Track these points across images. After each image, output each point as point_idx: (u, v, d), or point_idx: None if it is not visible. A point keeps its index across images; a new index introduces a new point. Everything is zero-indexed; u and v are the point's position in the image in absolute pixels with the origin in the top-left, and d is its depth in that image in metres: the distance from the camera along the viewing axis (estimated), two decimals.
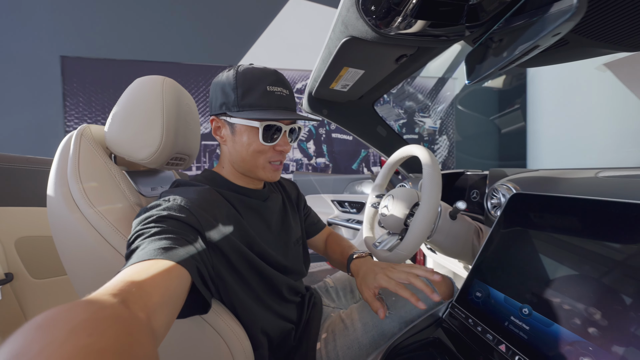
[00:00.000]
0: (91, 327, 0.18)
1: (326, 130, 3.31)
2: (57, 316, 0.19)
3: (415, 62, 0.67)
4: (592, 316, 0.34)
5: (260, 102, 0.51)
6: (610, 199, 0.38)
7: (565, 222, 0.43)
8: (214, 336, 0.45)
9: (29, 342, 0.17)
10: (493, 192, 0.67)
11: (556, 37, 0.34)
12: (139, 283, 0.27)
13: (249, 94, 0.51)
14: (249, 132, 0.52)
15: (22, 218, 0.87)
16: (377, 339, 0.59)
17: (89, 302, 0.21)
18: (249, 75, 0.51)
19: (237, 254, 0.49)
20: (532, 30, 0.35)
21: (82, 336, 0.18)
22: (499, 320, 0.43)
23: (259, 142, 0.52)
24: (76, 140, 0.51)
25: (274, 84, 0.52)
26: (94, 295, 0.23)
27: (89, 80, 2.67)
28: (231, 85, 0.51)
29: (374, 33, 0.50)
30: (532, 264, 0.44)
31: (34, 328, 0.18)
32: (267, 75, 0.52)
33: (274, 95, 0.51)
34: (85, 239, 0.44)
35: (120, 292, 0.25)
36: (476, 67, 0.49)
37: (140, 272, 0.29)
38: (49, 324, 0.18)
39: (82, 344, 0.17)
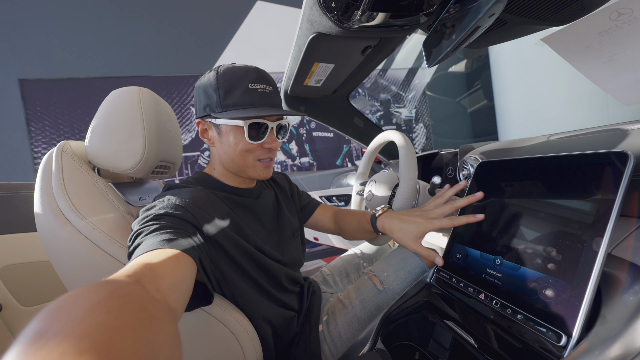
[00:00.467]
0: (109, 304, 0.19)
1: (307, 129, 3.34)
2: (77, 295, 0.20)
3: (380, 52, 0.72)
4: (549, 254, 0.39)
5: (243, 101, 0.51)
6: (553, 154, 0.44)
7: (523, 180, 0.49)
8: (221, 328, 0.47)
9: (51, 320, 0.17)
10: (463, 165, 0.73)
11: (492, 17, 0.39)
12: (151, 267, 0.28)
13: (231, 94, 0.51)
14: (235, 131, 0.53)
15: (4, 246, 0.84)
16: (374, 312, 0.63)
17: (106, 282, 0.22)
18: (229, 74, 0.51)
19: (235, 247, 0.51)
20: (472, 13, 0.40)
21: (101, 313, 0.18)
22: (477, 274, 0.48)
23: (246, 141, 0.52)
24: (57, 157, 0.51)
25: (255, 82, 0.51)
26: (110, 277, 0.24)
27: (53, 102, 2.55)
28: (212, 86, 0.51)
29: (338, 28, 0.53)
30: (500, 221, 0.49)
31: (56, 307, 0.19)
32: (248, 73, 0.52)
33: (256, 92, 0.51)
34: (79, 250, 0.45)
35: (135, 274, 0.26)
36: (432, 51, 0.53)
37: (151, 259, 0.30)
38: (69, 304, 0.19)
39: (100, 320, 0.18)
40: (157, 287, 0.26)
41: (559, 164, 0.43)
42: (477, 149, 0.72)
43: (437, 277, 0.56)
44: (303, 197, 0.81)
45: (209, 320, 0.46)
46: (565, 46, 0.52)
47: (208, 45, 2.91)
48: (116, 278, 0.24)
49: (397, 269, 0.69)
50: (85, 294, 0.20)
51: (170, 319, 0.23)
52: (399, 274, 0.68)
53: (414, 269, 0.68)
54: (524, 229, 0.45)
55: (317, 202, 0.82)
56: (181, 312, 0.30)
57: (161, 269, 0.29)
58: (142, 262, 0.29)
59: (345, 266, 0.90)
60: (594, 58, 0.52)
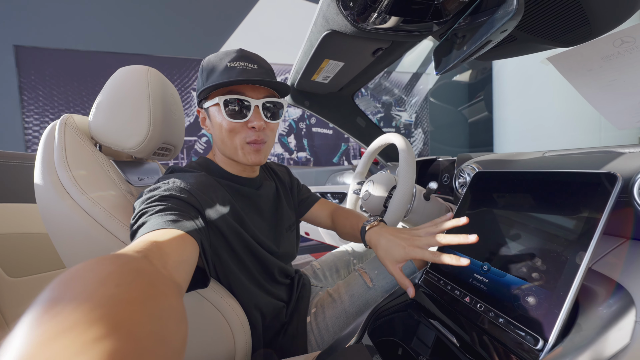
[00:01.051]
0: (118, 278, 0.20)
1: (306, 124, 3.34)
2: (87, 268, 0.20)
3: (390, 55, 0.73)
4: (534, 264, 0.41)
5: (220, 79, 0.50)
6: (546, 170, 0.46)
7: (516, 192, 0.51)
8: (214, 312, 0.48)
9: (63, 290, 0.18)
10: (460, 173, 0.75)
11: (504, 33, 0.41)
12: (158, 244, 0.29)
13: (212, 74, 0.51)
14: (218, 112, 0.52)
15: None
16: (363, 308, 0.65)
17: (115, 256, 0.22)
18: (212, 58, 0.53)
19: (234, 235, 0.52)
20: (485, 27, 0.41)
21: (111, 286, 0.19)
22: (465, 278, 0.50)
23: (227, 120, 0.51)
24: (60, 129, 0.51)
25: (235, 60, 0.51)
26: (119, 252, 0.25)
27: (49, 72, 2.48)
28: (200, 71, 0.54)
29: (353, 27, 0.54)
30: (491, 230, 0.51)
31: (68, 278, 0.19)
32: (229, 53, 0.52)
33: (235, 69, 0.50)
34: (79, 225, 0.45)
35: (143, 250, 0.26)
36: (442, 59, 0.55)
37: (157, 237, 0.31)
38: (80, 275, 0.19)
39: (110, 293, 0.18)
40: (163, 264, 0.27)
41: (552, 180, 0.46)
42: (475, 158, 0.74)
43: (425, 278, 0.58)
44: (303, 190, 0.81)
45: (203, 304, 0.47)
46: (569, 67, 0.54)
47: (214, 30, 2.86)
48: (125, 252, 0.25)
49: None
50: (96, 266, 0.20)
51: (177, 295, 0.24)
52: (388, 273, 0.70)
53: (404, 269, 0.70)
54: (513, 238, 0.47)
55: (317, 196, 0.83)
56: (185, 289, 0.30)
57: (167, 247, 0.30)
58: (149, 240, 0.29)
59: (336, 262, 0.92)
60: (595, 81, 0.54)
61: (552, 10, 0.46)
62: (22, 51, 2.40)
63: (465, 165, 0.73)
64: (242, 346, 0.52)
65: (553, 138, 2.37)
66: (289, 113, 3.23)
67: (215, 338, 0.49)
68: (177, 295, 0.24)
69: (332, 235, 1.81)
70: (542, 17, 0.48)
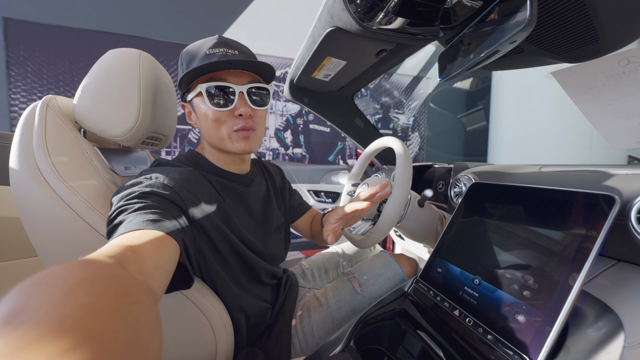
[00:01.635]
0: (90, 285, 0.18)
1: (304, 120, 3.31)
2: (54, 274, 0.18)
3: (394, 57, 0.71)
4: (526, 282, 0.41)
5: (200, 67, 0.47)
6: (544, 187, 0.45)
7: (511, 207, 0.50)
8: (196, 312, 0.46)
9: (27, 299, 0.16)
10: (456, 182, 0.74)
11: (513, 44, 0.39)
12: (133, 248, 0.27)
13: (191, 64, 0.49)
14: (202, 101, 0.50)
15: None
16: (350, 313, 0.64)
17: (86, 261, 0.21)
18: (190, 47, 0.51)
19: (219, 234, 0.50)
20: (494, 36, 0.40)
21: (81, 295, 0.17)
22: (455, 290, 0.49)
23: (212, 109, 0.49)
24: (41, 111, 0.48)
25: (214, 47, 0.49)
26: (90, 256, 0.23)
27: (39, 48, 2.38)
28: (180, 62, 0.53)
29: (358, 26, 0.52)
30: (484, 242, 0.51)
31: (31, 285, 0.17)
32: (206, 41, 0.50)
33: (214, 56, 0.48)
34: (56, 215, 0.42)
35: (116, 254, 0.25)
36: (447, 66, 0.53)
37: (133, 240, 0.29)
38: (47, 282, 0.18)
39: (81, 302, 0.17)
40: (139, 269, 0.25)
41: (549, 197, 0.45)
42: (472, 169, 0.74)
43: (415, 288, 0.57)
44: (295, 197, 0.80)
45: (186, 303, 0.45)
46: (572, 83, 0.53)
47: (215, 16, 2.79)
48: (96, 258, 0.23)
49: (376, 274, 0.70)
50: (64, 273, 0.19)
51: (152, 302, 0.22)
52: (378, 279, 0.69)
53: (394, 277, 0.70)
54: (506, 253, 0.46)
55: (308, 206, 0.82)
56: (161, 296, 0.29)
57: (144, 251, 0.28)
58: (124, 243, 0.28)
59: (325, 262, 0.91)
60: (596, 99, 0.54)
61: (563, 25, 0.45)
62: (12, 24, 2.29)
63: (462, 174, 0.72)
64: (223, 348, 0.50)
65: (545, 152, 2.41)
66: (287, 108, 3.19)
67: (196, 339, 0.48)
68: (152, 303, 0.22)
69: None
70: (552, 31, 0.47)
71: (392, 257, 0.76)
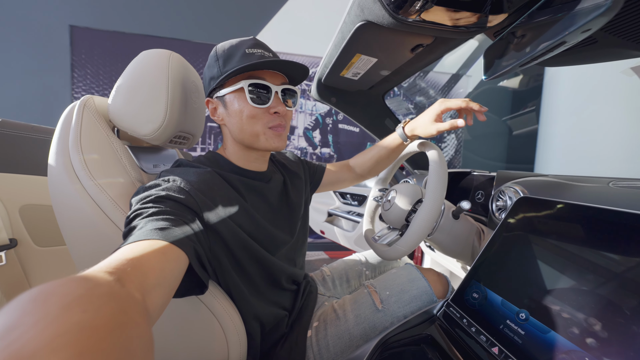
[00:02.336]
0: (86, 303, 0.18)
1: (333, 120, 3.27)
2: (51, 290, 0.18)
3: (431, 53, 0.64)
4: (591, 327, 0.33)
5: (241, 64, 0.49)
6: (620, 209, 0.37)
7: (571, 230, 0.42)
8: (209, 317, 0.46)
9: (23, 315, 0.16)
10: (499, 194, 0.65)
11: (585, 33, 0.32)
12: (135, 263, 0.27)
13: (229, 60, 0.50)
14: (238, 97, 0.51)
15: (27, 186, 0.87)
16: (368, 331, 0.60)
17: (84, 278, 0.20)
18: (227, 45, 0.52)
19: (236, 240, 0.49)
20: (560, 25, 0.33)
21: (77, 312, 0.17)
22: (494, 323, 0.42)
23: (250, 106, 0.51)
24: (79, 111, 0.50)
25: (252, 47, 0.51)
26: (89, 272, 0.23)
27: (97, 52, 2.64)
28: (213, 58, 0.52)
29: (391, 18, 0.47)
30: (533, 270, 0.43)
31: (28, 301, 0.17)
32: (244, 41, 0.53)
33: (254, 55, 0.50)
34: (84, 210, 0.44)
35: (116, 270, 0.24)
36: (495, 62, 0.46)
37: (137, 252, 0.29)
38: (43, 298, 0.18)
39: (76, 319, 0.17)
40: (138, 286, 0.25)
41: (622, 221, 0.36)
42: (520, 180, 0.64)
43: (445, 312, 0.51)
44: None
45: (200, 308, 0.45)
46: None
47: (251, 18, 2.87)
48: (95, 274, 0.22)
49: (401, 290, 0.65)
50: (61, 289, 0.19)
51: (147, 323, 0.22)
52: (402, 296, 0.63)
53: (420, 295, 0.63)
54: (562, 286, 0.38)
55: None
56: (159, 315, 0.28)
57: (146, 266, 0.28)
58: (127, 257, 0.27)
59: (347, 270, 0.87)
60: None
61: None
62: (76, 31, 2.57)
63: (507, 186, 0.63)
64: (235, 356, 0.49)
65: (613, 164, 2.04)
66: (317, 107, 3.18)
67: (207, 345, 0.47)
68: (147, 324, 0.22)
69: (346, 236, 1.75)
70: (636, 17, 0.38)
71: (419, 272, 0.70)
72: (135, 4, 2.65)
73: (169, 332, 0.46)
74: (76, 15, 2.54)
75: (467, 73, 3.42)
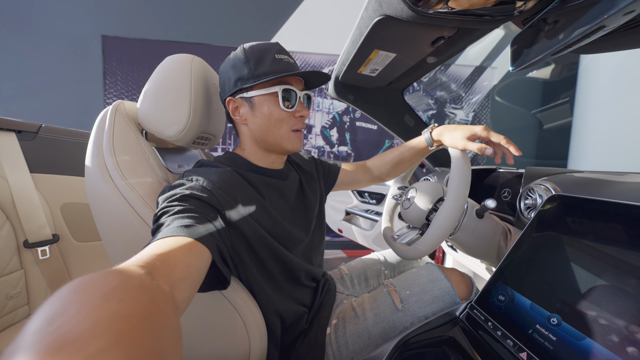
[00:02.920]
0: (121, 293, 0.20)
1: (350, 118, 3.24)
2: (91, 281, 0.20)
3: (453, 45, 0.62)
4: (633, 334, 0.30)
5: (273, 69, 0.51)
6: None
7: (610, 230, 0.39)
8: (232, 312, 0.47)
9: (67, 303, 0.18)
10: (528, 192, 0.62)
11: (628, 15, 0.29)
12: (163, 258, 0.28)
13: (261, 64, 0.51)
14: (268, 100, 0.53)
15: (67, 186, 0.95)
16: (388, 331, 0.59)
17: (119, 271, 0.22)
18: (256, 47, 0.53)
19: (257, 237, 0.50)
20: (599, 7, 0.30)
21: (114, 302, 0.19)
22: (522, 327, 0.40)
23: (280, 109, 0.53)
24: (111, 116, 0.54)
25: (280, 52, 0.53)
26: (123, 266, 0.25)
27: (126, 60, 2.80)
28: (241, 60, 0.52)
29: (410, 11, 0.46)
30: (566, 272, 0.40)
31: (70, 291, 0.19)
32: (272, 46, 0.54)
33: (282, 62, 0.53)
34: (117, 208, 0.47)
35: (147, 264, 0.26)
36: (524, 51, 0.44)
37: (165, 248, 0.30)
38: (84, 289, 0.19)
39: (114, 309, 0.18)
40: (167, 280, 0.26)
41: None
42: (552, 176, 0.60)
43: (469, 314, 0.49)
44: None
45: (223, 302, 0.46)
46: None
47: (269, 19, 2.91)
48: (128, 268, 0.24)
49: (422, 290, 0.63)
50: (100, 280, 0.20)
51: (176, 314, 0.23)
52: (423, 296, 0.62)
53: (442, 296, 0.62)
54: (599, 290, 0.36)
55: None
56: (184, 309, 0.30)
57: (173, 261, 0.29)
58: (156, 253, 0.29)
59: (366, 269, 0.86)
60: None
61: None
62: (107, 40, 2.74)
63: (537, 183, 0.60)
64: (257, 350, 0.50)
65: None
66: (334, 105, 3.17)
67: (230, 339, 0.49)
68: (176, 315, 0.23)
69: (364, 235, 1.74)
70: None
71: (440, 272, 0.68)
72: (160, 12, 2.78)
73: (194, 325, 0.49)
74: (107, 25, 2.71)
75: (491, 65, 3.24)
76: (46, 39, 2.66)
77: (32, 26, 2.64)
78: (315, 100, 3.14)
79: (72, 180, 0.96)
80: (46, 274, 0.88)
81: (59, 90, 2.72)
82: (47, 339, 0.16)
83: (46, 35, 2.65)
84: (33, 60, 2.65)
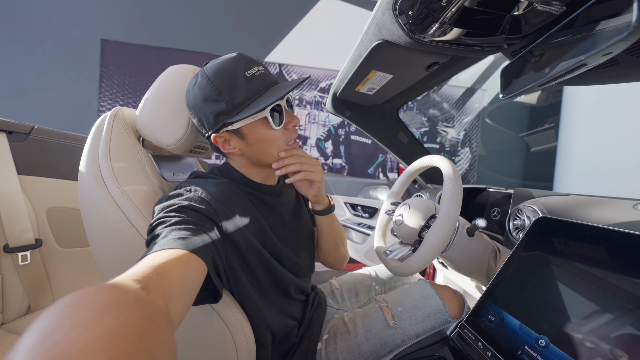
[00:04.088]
0: (117, 310, 0.19)
1: (345, 131, 3.30)
2: (86, 296, 0.20)
3: (446, 70, 0.65)
4: (617, 358, 0.31)
5: (252, 91, 0.47)
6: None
7: (594, 254, 0.40)
8: (221, 326, 0.46)
9: (62, 320, 0.18)
10: (517, 213, 0.64)
11: (607, 56, 0.32)
12: (159, 271, 0.28)
13: (235, 91, 0.46)
14: (257, 126, 0.49)
15: (55, 189, 0.93)
16: (379, 348, 0.58)
17: (114, 285, 0.22)
18: (221, 72, 0.47)
19: (250, 249, 0.50)
20: (580, 47, 0.33)
21: (109, 318, 0.19)
22: (511, 348, 0.41)
23: (272, 130, 0.50)
24: (109, 122, 0.53)
25: (248, 68, 0.47)
26: (118, 280, 0.24)
27: (124, 64, 2.80)
28: (212, 92, 0.46)
29: (408, 38, 0.49)
30: (553, 294, 0.41)
31: (66, 306, 0.19)
32: (236, 63, 0.47)
33: (255, 77, 0.47)
34: (109, 215, 0.46)
35: (143, 278, 0.26)
36: (512, 81, 0.46)
37: (161, 261, 0.30)
38: (79, 304, 0.19)
39: (110, 325, 0.18)
40: (162, 295, 0.26)
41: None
42: (539, 198, 0.63)
43: (459, 334, 0.49)
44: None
45: (213, 316, 0.45)
46: None
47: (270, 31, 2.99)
48: (123, 282, 0.24)
49: (414, 307, 0.63)
50: (95, 296, 0.20)
51: (171, 331, 0.23)
52: (415, 313, 0.62)
53: (434, 314, 0.62)
54: (585, 313, 0.37)
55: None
56: (179, 323, 0.29)
57: (169, 274, 0.29)
58: (152, 265, 0.29)
59: (356, 284, 0.85)
60: None
61: None
62: (106, 44, 2.75)
63: (525, 204, 0.62)
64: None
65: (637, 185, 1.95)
66: (330, 118, 3.22)
67: (217, 351, 0.47)
68: (171, 331, 0.23)
69: (356, 250, 1.73)
70: None
71: (433, 289, 0.68)
72: (161, 19, 2.82)
73: (183, 339, 0.47)
74: (108, 29, 2.73)
75: (482, 87, 3.39)
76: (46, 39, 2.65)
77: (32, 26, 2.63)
78: (312, 112, 3.19)
79: (61, 184, 0.93)
80: (24, 281, 0.84)
81: (55, 91, 2.69)
82: (41, 358, 0.15)
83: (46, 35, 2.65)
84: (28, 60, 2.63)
